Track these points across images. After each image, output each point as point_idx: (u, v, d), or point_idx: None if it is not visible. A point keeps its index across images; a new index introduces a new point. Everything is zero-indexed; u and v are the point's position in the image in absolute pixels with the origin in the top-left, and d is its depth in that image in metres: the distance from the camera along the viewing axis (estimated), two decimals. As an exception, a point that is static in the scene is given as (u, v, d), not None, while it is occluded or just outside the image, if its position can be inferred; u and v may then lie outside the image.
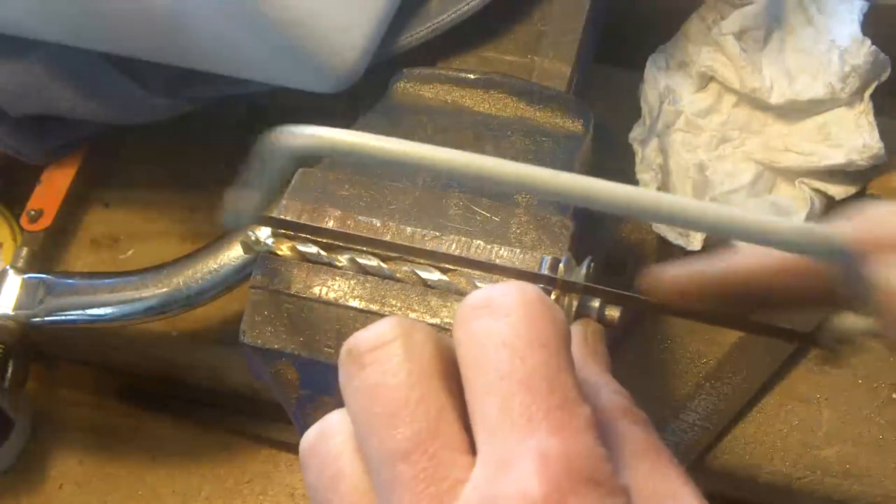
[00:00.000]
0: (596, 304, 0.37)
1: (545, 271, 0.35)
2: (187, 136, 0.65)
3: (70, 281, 0.58)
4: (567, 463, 0.24)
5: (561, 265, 0.38)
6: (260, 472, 0.67)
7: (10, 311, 0.58)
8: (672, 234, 0.57)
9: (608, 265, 0.59)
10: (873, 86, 0.58)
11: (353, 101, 0.55)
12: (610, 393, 0.29)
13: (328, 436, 0.28)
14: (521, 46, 0.57)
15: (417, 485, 0.25)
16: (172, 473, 0.67)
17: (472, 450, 0.25)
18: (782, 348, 0.58)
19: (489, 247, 0.41)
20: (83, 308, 0.57)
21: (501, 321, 0.26)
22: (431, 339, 0.27)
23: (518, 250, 0.41)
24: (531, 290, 0.27)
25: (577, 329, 0.32)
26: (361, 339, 0.27)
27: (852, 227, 0.31)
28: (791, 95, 0.58)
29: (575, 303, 0.37)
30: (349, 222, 0.42)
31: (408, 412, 0.26)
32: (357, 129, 0.49)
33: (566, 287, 0.37)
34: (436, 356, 0.27)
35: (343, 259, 0.41)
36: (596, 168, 0.53)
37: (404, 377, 0.26)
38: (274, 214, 0.43)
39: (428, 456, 0.25)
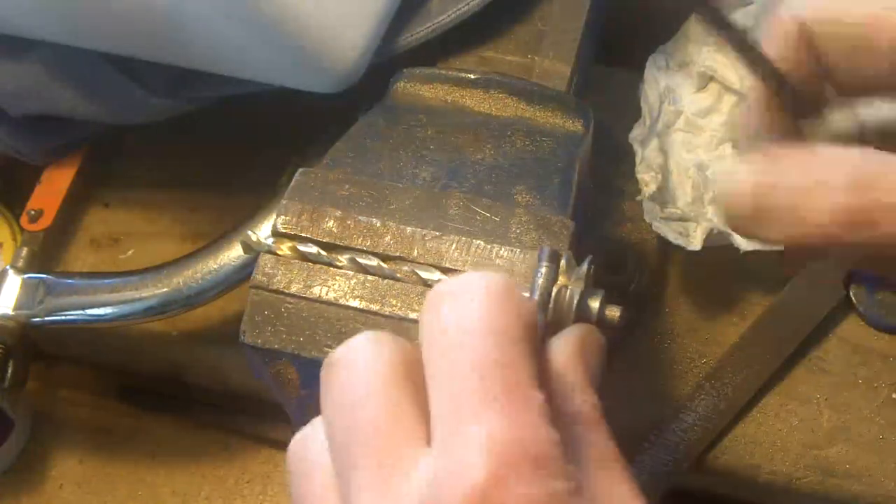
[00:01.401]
0: (596, 303, 0.37)
1: (544, 261, 0.35)
2: (187, 136, 0.65)
3: (70, 281, 0.58)
4: (512, 445, 0.24)
5: (563, 261, 0.38)
6: (260, 472, 0.67)
7: (10, 311, 0.58)
8: (672, 234, 0.57)
9: (608, 265, 0.59)
10: (873, 86, 0.58)
11: (353, 101, 0.55)
12: (585, 397, 0.29)
13: (308, 440, 0.30)
14: (521, 46, 0.57)
15: (371, 470, 0.26)
16: (172, 473, 0.67)
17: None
18: (782, 348, 0.58)
19: (489, 247, 0.41)
20: (83, 308, 0.57)
21: (463, 307, 0.27)
22: (398, 344, 0.29)
23: (518, 250, 0.41)
24: (497, 279, 0.28)
25: (576, 331, 0.32)
26: (336, 350, 0.30)
27: None
28: (791, 95, 0.58)
29: (575, 301, 0.37)
30: (349, 222, 0.42)
31: (368, 405, 0.27)
32: (357, 128, 0.49)
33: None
34: (400, 359, 0.28)
35: (343, 259, 0.41)
36: (596, 168, 0.53)
37: (366, 376, 0.28)
38: (274, 214, 0.43)
39: (383, 444, 0.26)
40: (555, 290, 0.36)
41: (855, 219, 0.28)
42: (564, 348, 0.31)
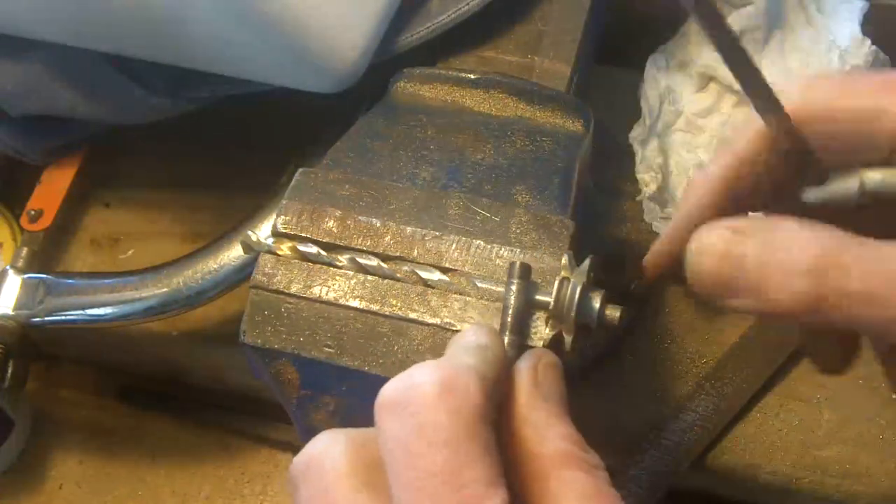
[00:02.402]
0: (597, 302, 0.37)
1: (514, 278, 0.35)
2: (187, 136, 0.65)
3: (70, 281, 0.58)
4: None
5: (564, 260, 0.39)
6: (260, 472, 0.67)
7: (10, 311, 0.58)
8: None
9: (608, 265, 0.59)
10: (873, 86, 0.58)
11: (353, 101, 0.55)
12: (557, 440, 0.29)
13: (320, 460, 0.29)
14: (521, 46, 0.57)
15: None
16: (172, 473, 0.67)
17: None
18: (782, 348, 0.58)
19: (489, 247, 0.41)
20: (83, 308, 0.57)
21: (405, 423, 0.27)
22: (359, 444, 0.29)
23: (518, 250, 0.41)
24: (433, 383, 0.28)
25: (525, 369, 0.31)
26: (303, 453, 0.30)
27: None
28: (791, 95, 0.58)
29: (577, 295, 0.37)
30: (349, 222, 0.42)
31: None
32: (357, 128, 0.49)
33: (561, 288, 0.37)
34: (362, 462, 0.29)
35: (343, 259, 0.41)
36: (596, 168, 0.53)
37: (331, 482, 0.28)
38: (274, 214, 0.43)
39: None
40: (556, 282, 0.36)
41: (813, 303, 0.29)
42: (523, 387, 0.31)
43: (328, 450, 0.29)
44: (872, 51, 0.58)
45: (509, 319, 0.35)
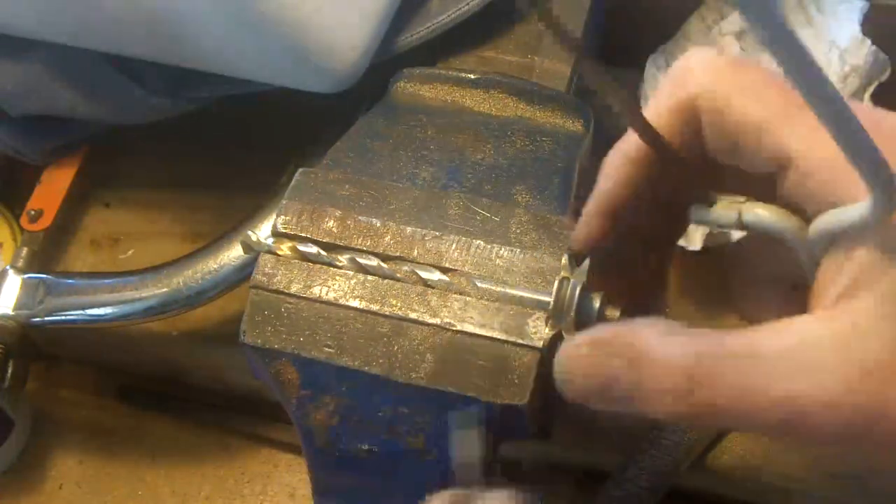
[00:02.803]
0: (597, 303, 0.37)
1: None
2: (187, 136, 0.65)
3: (70, 281, 0.58)
4: None
5: (563, 260, 0.39)
6: (260, 472, 0.67)
7: (10, 311, 0.58)
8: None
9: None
10: (873, 86, 0.58)
11: (353, 101, 0.55)
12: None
13: None
14: (521, 46, 0.57)
15: None
16: (172, 473, 0.67)
17: None
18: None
19: (489, 247, 0.41)
20: (83, 308, 0.57)
21: None
22: None
23: (518, 250, 0.41)
24: None
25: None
26: None
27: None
28: (791, 95, 0.58)
29: (577, 294, 0.37)
30: (349, 222, 0.42)
31: None
32: (357, 128, 0.49)
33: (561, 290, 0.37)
34: None
35: (343, 259, 0.41)
36: (596, 168, 0.53)
37: None
38: (274, 214, 0.43)
39: None
40: (556, 281, 0.36)
41: (686, 416, 0.30)
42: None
43: None
44: (872, 51, 0.58)
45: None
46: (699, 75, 0.33)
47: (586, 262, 0.38)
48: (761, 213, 0.33)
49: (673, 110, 0.33)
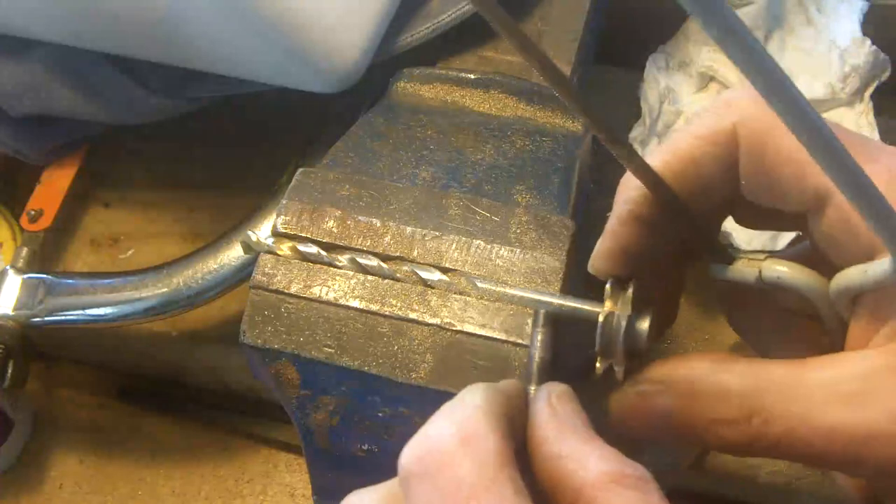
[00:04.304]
0: (645, 325, 0.34)
1: (539, 327, 0.34)
2: (187, 136, 0.65)
3: (70, 281, 0.58)
4: None
5: (607, 286, 0.36)
6: (260, 472, 0.67)
7: (10, 311, 0.58)
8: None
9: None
10: (873, 86, 0.58)
11: (353, 101, 0.55)
12: (596, 462, 0.28)
13: None
14: (520, 46, 0.57)
15: None
16: (172, 473, 0.67)
17: None
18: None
19: (489, 247, 0.41)
20: (83, 308, 0.57)
21: (432, 485, 0.27)
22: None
23: (518, 250, 0.41)
24: (451, 435, 0.27)
25: (541, 406, 0.31)
26: None
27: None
28: (791, 95, 0.58)
29: (623, 323, 0.35)
30: (349, 222, 0.42)
31: None
32: (357, 128, 0.49)
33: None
34: None
35: (343, 259, 0.41)
36: (596, 168, 0.53)
37: None
38: (274, 214, 0.43)
39: None
40: (602, 317, 0.34)
41: (748, 445, 0.31)
42: (546, 423, 0.30)
43: None
44: (872, 51, 0.58)
45: (535, 370, 0.34)
46: (742, 106, 0.32)
47: (630, 291, 0.35)
48: (782, 271, 0.32)
49: (710, 137, 0.32)
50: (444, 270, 0.40)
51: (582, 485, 0.28)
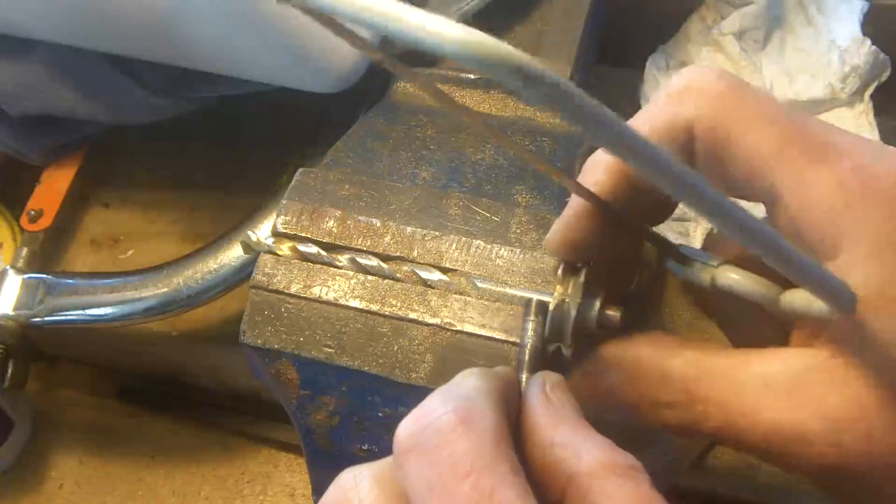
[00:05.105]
0: (594, 310, 0.36)
1: (531, 316, 0.35)
2: (187, 136, 0.65)
3: (70, 281, 0.58)
4: None
5: (559, 272, 0.38)
6: (260, 472, 0.67)
7: (10, 311, 0.58)
8: (672, 234, 0.57)
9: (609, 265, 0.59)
10: (873, 86, 0.58)
11: (353, 101, 0.55)
12: (591, 450, 0.28)
13: (347, 500, 0.29)
14: (521, 46, 0.56)
15: None
16: (172, 473, 0.67)
17: None
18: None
19: (489, 247, 0.41)
20: (83, 308, 0.57)
21: (428, 460, 0.27)
22: (377, 481, 0.28)
23: (518, 250, 0.41)
24: (448, 412, 0.27)
25: (535, 393, 0.31)
26: (331, 491, 0.29)
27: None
28: (791, 95, 0.58)
29: (574, 310, 0.36)
30: (349, 222, 0.42)
31: None
32: (357, 128, 0.49)
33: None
34: (384, 497, 0.28)
35: (343, 259, 0.41)
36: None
37: None
38: (274, 214, 0.43)
39: None
40: (552, 304, 0.36)
41: (682, 428, 0.32)
42: (539, 411, 0.30)
43: (354, 488, 0.28)
44: (872, 51, 0.58)
45: (526, 358, 0.35)
46: (699, 99, 0.32)
47: (581, 277, 0.37)
48: (735, 279, 0.33)
49: (666, 133, 0.33)
50: (444, 270, 0.40)
51: (574, 472, 0.28)
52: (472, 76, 0.52)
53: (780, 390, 0.30)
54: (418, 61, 0.55)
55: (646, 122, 0.33)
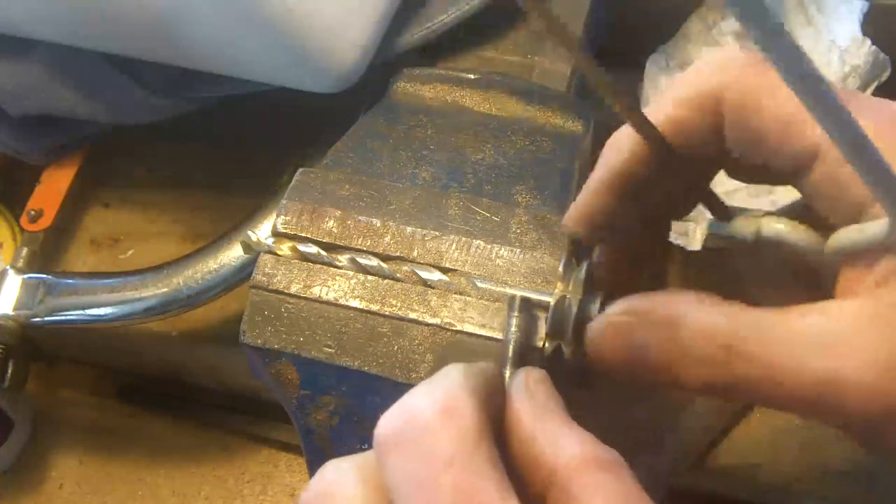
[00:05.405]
0: (595, 308, 0.37)
1: (514, 312, 0.35)
2: (187, 136, 0.65)
3: (70, 281, 0.58)
4: None
5: (560, 268, 0.38)
6: (260, 472, 0.67)
7: (10, 311, 0.58)
8: (672, 234, 0.57)
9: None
10: (873, 86, 0.58)
11: (353, 101, 0.55)
12: (573, 444, 0.28)
13: (330, 493, 0.28)
14: (521, 46, 0.57)
15: None
16: (172, 473, 0.67)
17: None
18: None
19: (489, 247, 0.41)
20: (83, 308, 0.57)
21: (409, 454, 0.27)
22: (360, 473, 0.28)
23: (518, 250, 0.41)
24: (430, 407, 0.27)
25: (518, 387, 0.31)
26: (313, 483, 0.29)
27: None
28: (791, 95, 0.58)
29: (574, 307, 0.36)
30: (349, 222, 0.42)
31: None
32: (357, 128, 0.49)
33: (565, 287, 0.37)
34: (367, 490, 0.28)
35: (343, 259, 0.41)
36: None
37: None
38: (274, 214, 0.43)
39: None
40: (554, 300, 0.36)
41: (721, 387, 0.30)
42: (522, 405, 0.30)
43: (337, 481, 0.28)
44: (872, 51, 0.58)
45: (510, 354, 0.35)
46: (726, 70, 0.32)
47: (583, 271, 0.37)
48: (780, 229, 0.33)
49: (694, 101, 0.33)
50: (444, 270, 0.40)
51: (556, 466, 0.28)
52: (472, 76, 0.52)
53: (828, 339, 0.29)
54: (417, 61, 0.55)
55: (675, 95, 0.33)
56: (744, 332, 0.30)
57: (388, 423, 0.27)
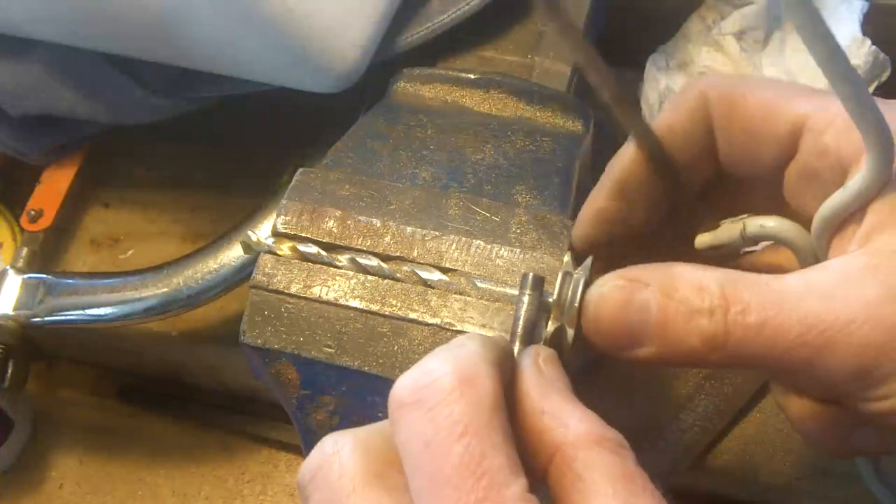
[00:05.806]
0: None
1: (526, 290, 0.35)
2: (187, 136, 0.65)
3: (70, 281, 0.58)
4: None
5: (566, 258, 0.38)
6: (260, 472, 0.67)
7: (10, 311, 0.58)
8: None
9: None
10: (873, 86, 0.58)
11: (353, 101, 0.55)
12: (579, 422, 0.29)
13: (328, 464, 0.29)
14: (521, 46, 0.57)
15: None
16: (172, 473, 0.67)
17: None
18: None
19: (489, 247, 0.41)
20: (83, 308, 0.57)
21: (424, 416, 0.27)
22: (359, 444, 0.28)
23: (518, 250, 0.41)
24: (450, 373, 0.27)
25: (528, 363, 0.31)
26: (313, 456, 0.29)
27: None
28: (791, 95, 0.58)
29: (578, 296, 0.36)
30: (349, 222, 0.42)
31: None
32: (357, 128, 0.49)
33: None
34: (367, 461, 0.28)
35: (343, 259, 0.41)
36: (596, 169, 0.53)
37: (344, 482, 0.28)
38: (274, 214, 0.43)
39: None
40: (559, 276, 0.36)
41: (719, 341, 0.31)
42: (531, 380, 0.31)
43: (336, 453, 0.29)
44: (872, 51, 0.58)
45: (520, 330, 0.35)
46: (709, 77, 0.35)
47: (589, 259, 0.37)
48: (764, 223, 0.34)
49: (682, 104, 0.35)
50: (444, 270, 0.40)
51: (562, 442, 0.28)
52: (472, 76, 0.52)
53: (822, 287, 0.30)
54: (417, 61, 0.55)
55: (669, 110, 0.36)
56: (740, 286, 0.31)
57: (407, 383, 0.28)
